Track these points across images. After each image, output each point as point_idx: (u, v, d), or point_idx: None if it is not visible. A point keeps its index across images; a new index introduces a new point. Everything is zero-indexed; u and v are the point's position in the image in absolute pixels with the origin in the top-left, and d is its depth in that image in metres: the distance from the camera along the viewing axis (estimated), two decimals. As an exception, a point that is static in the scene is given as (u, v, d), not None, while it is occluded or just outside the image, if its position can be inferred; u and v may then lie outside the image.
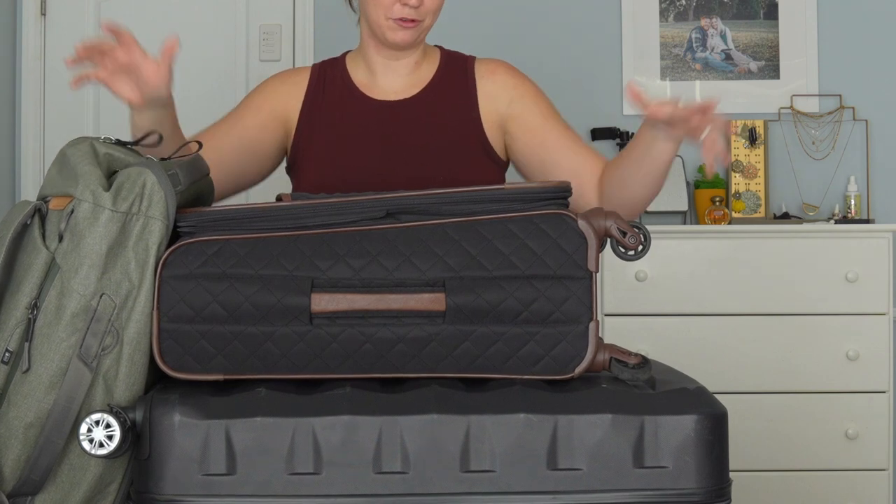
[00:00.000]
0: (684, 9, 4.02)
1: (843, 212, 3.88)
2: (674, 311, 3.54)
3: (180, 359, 1.57)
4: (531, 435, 1.49)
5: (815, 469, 3.53)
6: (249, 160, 2.20)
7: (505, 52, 2.39)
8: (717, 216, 3.77)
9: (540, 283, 1.57)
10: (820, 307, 3.53)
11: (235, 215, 1.61)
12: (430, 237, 1.59)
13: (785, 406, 3.52)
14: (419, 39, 2.17)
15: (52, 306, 1.53)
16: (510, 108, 2.18)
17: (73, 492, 1.54)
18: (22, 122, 3.94)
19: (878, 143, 3.98)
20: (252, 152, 2.19)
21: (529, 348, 1.57)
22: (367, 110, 2.19)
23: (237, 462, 1.48)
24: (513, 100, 2.18)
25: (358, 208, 1.61)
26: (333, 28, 3.83)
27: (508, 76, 2.20)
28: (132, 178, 1.57)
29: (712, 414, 1.52)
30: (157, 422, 1.49)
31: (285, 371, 1.57)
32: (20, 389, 1.52)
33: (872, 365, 3.52)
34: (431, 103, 2.19)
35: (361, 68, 2.23)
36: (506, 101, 2.18)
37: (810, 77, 3.97)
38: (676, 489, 1.50)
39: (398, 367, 1.57)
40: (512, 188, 1.62)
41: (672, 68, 3.99)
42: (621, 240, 1.62)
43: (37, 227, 1.57)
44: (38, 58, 3.97)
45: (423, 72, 2.22)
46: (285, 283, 1.56)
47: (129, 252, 1.55)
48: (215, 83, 3.97)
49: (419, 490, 1.48)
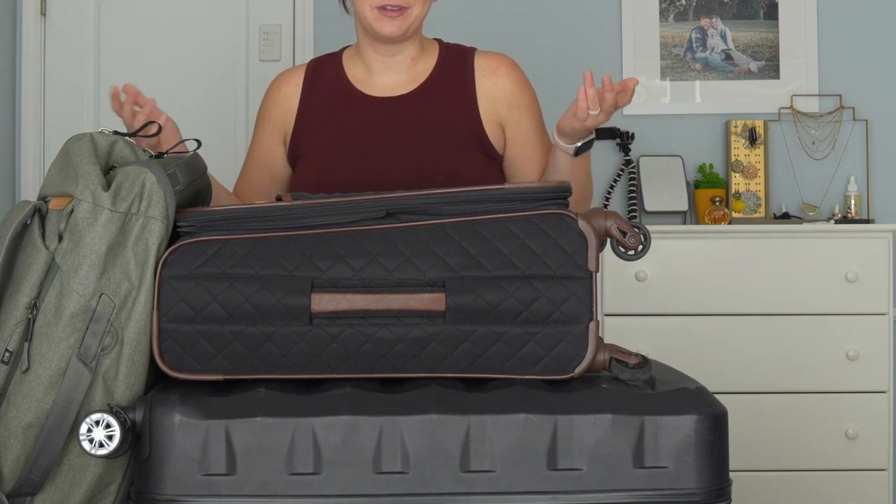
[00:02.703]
0: (684, 9, 4.02)
1: (843, 212, 3.88)
2: (674, 311, 3.54)
3: (180, 359, 1.57)
4: (531, 435, 1.49)
5: (815, 469, 3.53)
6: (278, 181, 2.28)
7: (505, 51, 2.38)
8: (717, 216, 3.76)
9: (540, 283, 1.57)
10: (820, 307, 3.53)
11: (235, 215, 1.61)
12: (430, 237, 1.59)
13: (785, 406, 3.52)
14: (410, 30, 2.15)
15: (51, 306, 1.53)
16: (508, 113, 2.19)
17: (72, 492, 1.54)
18: (22, 122, 3.94)
19: (878, 143, 3.98)
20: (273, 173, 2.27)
21: (529, 348, 1.57)
22: (364, 108, 2.19)
23: (237, 462, 1.48)
24: (511, 106, 2.19)
25: (358, 208, 1.61)
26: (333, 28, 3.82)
27: (509, 79, 2.20)
28: (131, 178, 1.57)
29: (712, 414, 1.52)
30: (157, 422, 1.49)
31: (285, 371, 1.57)
32: (20, 389, 1.52)
33: (872, 365, 3.52)
34: (429, 99, 2.18)
35: (358, 65, 2.22)
36: (505, 106, 2.19)
37: (810, 77, 3.97)
38: (676, 489, 1.50)
39: (398, 367, 1.57)
40: (512, 188, 1.62)
41: (672, 68, 3.99)
42: (621, 240, 1.62)
43: (37, 226, 1.57)
44: (38, 58, 3.97)
45: (421, 67, 2.21)
46: (285, 283, 1.56)
47: (129, 252, 1.55)
48: (215, 83, 3.97)
49: (419, 490, 1.48)
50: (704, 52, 4.01)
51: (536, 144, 2.21)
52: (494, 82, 2.19)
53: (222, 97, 3.97)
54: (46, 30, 3.99)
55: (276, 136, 2.23)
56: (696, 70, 4.00)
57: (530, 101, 2.21)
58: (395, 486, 1.48)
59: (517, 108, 2.19)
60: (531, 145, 2.21)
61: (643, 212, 3.86)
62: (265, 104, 2.26)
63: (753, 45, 4.00)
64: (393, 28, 2.13)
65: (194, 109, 3.86)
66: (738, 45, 4.00)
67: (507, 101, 2.18)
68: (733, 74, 4.00)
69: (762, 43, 4.00)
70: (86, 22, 4.00)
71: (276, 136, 2.23)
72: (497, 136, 2.19)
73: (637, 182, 3.86)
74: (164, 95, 2.31)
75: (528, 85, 2.22)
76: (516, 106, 2.19)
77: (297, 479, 1.48)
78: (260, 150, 2.25)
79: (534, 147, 2.21)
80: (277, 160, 2.24)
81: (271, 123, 2.24)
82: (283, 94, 2.23)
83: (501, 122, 2.19)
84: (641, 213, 3.86)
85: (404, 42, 2.18)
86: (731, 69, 4.00)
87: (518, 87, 2.20)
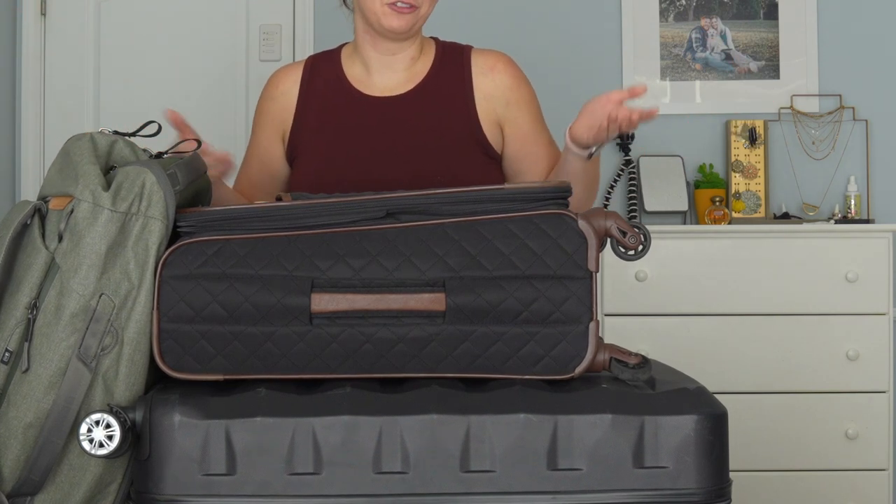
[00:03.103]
0: (684, 9, 4.02)
1: (843, 212, 3.88)
2: (674, 311, 3.54)
3: (180, 359, 1.56)
4: (531, 435, 1.49)
5: (815, 469, 3.53)
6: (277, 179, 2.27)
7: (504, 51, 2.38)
8: (717, 216, 3.76)
9: (540, 283, 1.57)
10: (820, 307, 3.53)
11: (235, 215, 1.61)
12: (430, 237, 1.59)
13: (785, 406, 3.52)
14: (415, 28, 2.15)
15: (51, 306, 1.53)
16: (506, 110, 2.18)
17: (72, 492, 1.54)
18: (22, 122, 3.94)
19: (878, 143, 3.98)
20: (272, 171, 2.27)
21: (529, 348, 1.57)
22: (363, 107, 2.18)
23: (237, 462, 1.48)
24: (509, 102, 2.18)
25: (358, 208, 1.61)
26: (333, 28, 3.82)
27: (507, 76, 2.19)
28: (131, 178, 1.57)
29: (712, 414, 1.52)
30: (157, 422, 1.49)
31: (285, 371, 1.57)
32: (20, 389, 1.52)
33: (872, 365, 3.52)
34: (427, 99, 2.18)
35: (357, 64, 2.22)
36: (503, 103, 2.18)
37: (810, 77, 3.97)
38: (676, 489, 1.50)
39: (398, 367, 1.57)
40: (512, 188, 1.62)
41: (672, 68, 3.99)
42: (621, 240, 1.62)
43: (37, 226, 1.57)
44: (38, 58, 3.97)
45: (419, 66, 2.20)
46: (285, 283, 1.56)
47: (129, 252, 1.55)
48: (215, 83, 3.96)
49: (419, 490, 1.48)
50: (704, 52, 4.01)
51: (537, 139, 2.20)
52: (492, 79, 2.18)
53: (222, 97, 3.97)
54: (46, 30, 3.99)
55: (275, 134, 2.23)
56: (696, 70, 4.00)
57: (528, 97, 2.20)
58: (395, 486, 1.48)
59: (515, 105, 2.18)
60: (532, 140, 2.19)
61: (643, 212, 3.86)
62: (263, 101, 2.25)
63: (753, 45, 4.00)
64: (402, 22, 2.12)
65: (194, 109, 3.85)
66: (738, 45, 4.00)
67: (505, 98, 2.18)
68: (733, 74, 4.00)
69: (762, 43, 4.00)
70: (86, 22, 4.00)
71: (274, 134, 2.23)
72: (495, 135, 2.18)
73: (637, 182, 3.86)
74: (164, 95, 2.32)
75: (526, 81, 2.22)
76: (514, 102, 2.18)
77: (297, 479, 1.48)
78: (259, 149, 2.25)
79: (535, 142, 2.20)
80: (276, 158, 2.24)
81: (270, 121, 2.23)
82: (280, 91, 2.23)
83: (500, 121, 2.18)
84: (641, 213, 3.86)
85: (406, 41, 2.17)
86: (731, 69, 4.00)
87: (515, 83, 2.19)
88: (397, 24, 2.12)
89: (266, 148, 2.24)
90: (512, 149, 2.20)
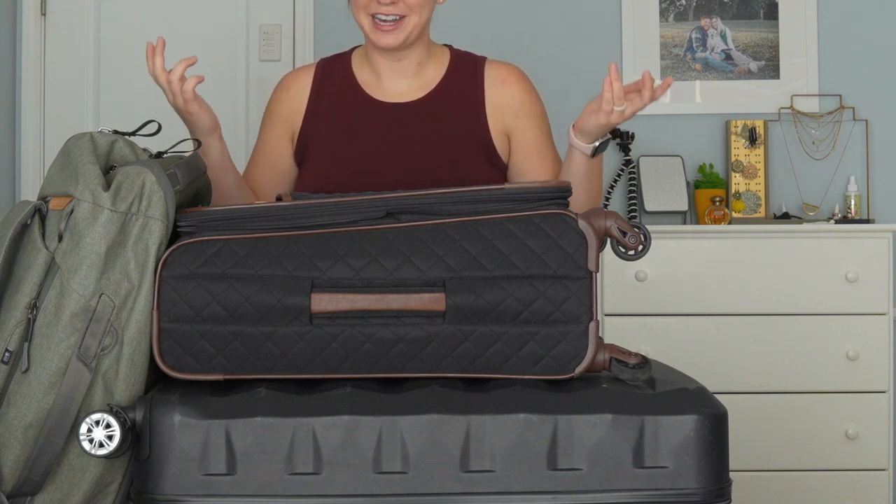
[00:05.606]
0: (684, 9, 4.02)
1: (843, 212, 3.88)
2: (674, 311, 3.54)
3: (180, 359, 1.57)
4: (531, 435, 1.49)
5: (815, 469, 3.53)
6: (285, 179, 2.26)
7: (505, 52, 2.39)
8: (717, 216, 3.76)
9: (540, 283, 1.57)
10: (820, 307, 3.53)
11: (235, 215, 1.61)
12: (430, 237, 1.59)
13: (785, 406, 3.52)
14: (410, 39, 2.14)
15: (51, 306, 1.53)
16: (515, 121, 2.18)
17: (72, 492, 1.54)
18: (22, 122, 3.94)
19: (878, 143, 3.98)
20: (281, 170, 2.25)
21: (529, 348, 1.57)
22: (373, 112, 2.18)
23: (237, 462, 1.48)
24: (518, 115, 2.18)
25: (358, 208, 1.61)
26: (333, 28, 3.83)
27: (518, 89, 2.19)
28: (131, 178, 1.57)
29: (712, 414, 1.52)
30: (157, 422, 1.49)
31: (285, 371, 1.57)
32: (20, 389, 1.52)
33: (872, 365, 3.52)
34: (438, 107, 2.17)
35: (367, 69, 2.21)
36: (512, 114, 2.18)
37: (810, 77, 3.97)
38: (676, 489, 1.50)
39: (398, 367, 1.57)
40: (512, 188, 1.62)
41: (672, 68, 3.99)
42: (621, 240, 1.62)
43: (37, 226, 1.57)
44: (38, 58, 3.97)
45: (430, 73, 2.20)
46: (285, 283, 1.56)
47: (129, 252, 1.55)
48: (215, 83, 3.96)
49: (419, 490, 1.48)
50: (704, 52, 4.01)
51: (543, 154, 2.19)
52: (503, 92, 2.18)
53: (222, 97, 3.96)
54: (46, 30, 3.99)
55: (285, 133, 2.22)
56: (696, 70, 4.00)
57: (538, 112, 2.20)
58: (395, 486, 1.48)
59: (524, 117, 2.18)
60: (537, 155, 2.18)
61: (643, 212, 3.86)
62: (272, 103, 2.25)
63: (753, 45, 4.00)
64: (389, 40, 2.11)
65: (194, 109, 3.86)
66: (738, 45, 4.00)
67: (514, 111, 2.18)
68: (733, 74, 4.00)
69: (762, 43, 4.00)
70: (86, 22, 4.00)
71: (284, 133, 2.22)
72: (504, 145, 2.18)
73: (637, 182, 3.86)
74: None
75: (537, 97, 2.22)
76: (523, 115, 2.18)
77: (297, 479, 1.48)
78: (267, 148, 2.24)
79: (540, 156, 2.19)
80: (285, 158, 2.23)
81: (279, 121, 2.23)
82: (290, 94, 2.23)
83: (507, 131, 2.18)
84: (641, 213, 3.86)
85: (407, 49, 2.16)
86: (731, 69, 4.00)
87: (527, 98, 2.19)
88: (385, 42, 2.11)
89: (274, 145, 2.23)
90: (517, 159, 2.19)
